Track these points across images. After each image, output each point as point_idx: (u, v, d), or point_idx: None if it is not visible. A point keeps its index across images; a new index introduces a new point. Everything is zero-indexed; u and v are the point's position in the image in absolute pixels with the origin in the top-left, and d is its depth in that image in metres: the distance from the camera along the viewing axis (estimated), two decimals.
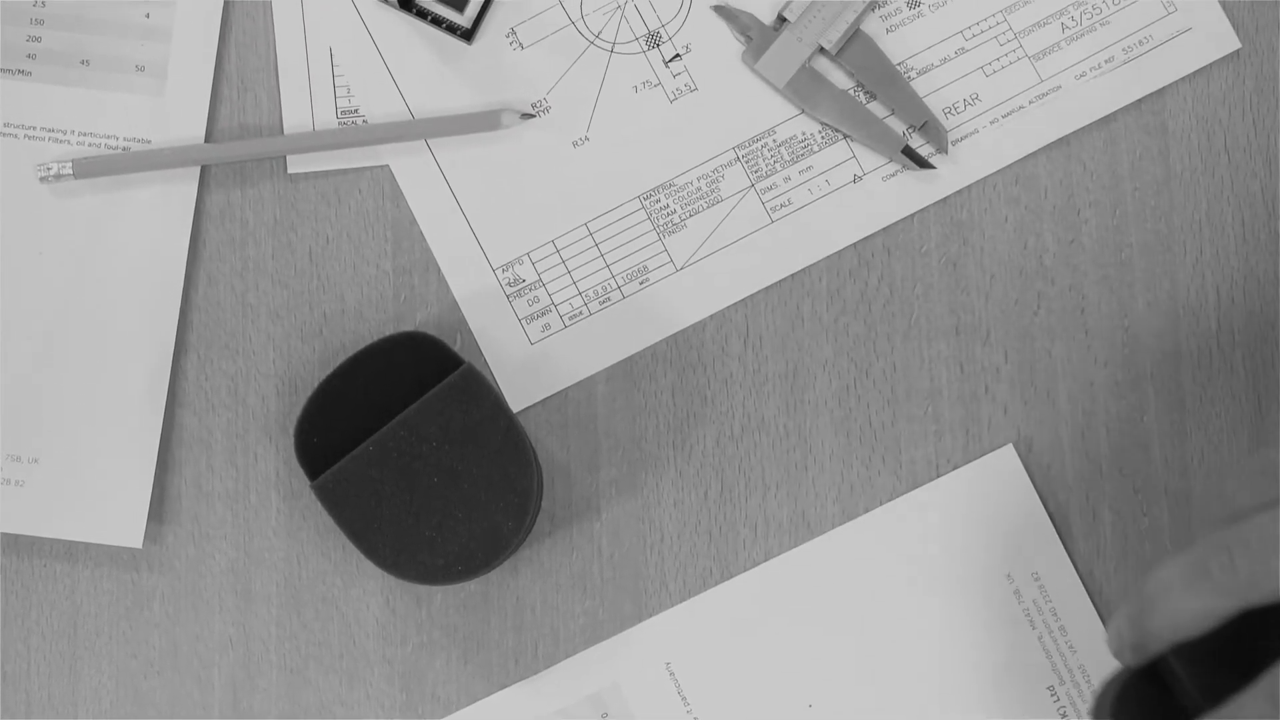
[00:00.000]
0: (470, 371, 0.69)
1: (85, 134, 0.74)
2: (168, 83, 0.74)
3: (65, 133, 0.74)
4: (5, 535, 0.73)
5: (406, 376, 0.70)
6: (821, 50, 0.74)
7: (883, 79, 0.74)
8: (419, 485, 0.68)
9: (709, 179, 0.74)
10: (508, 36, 0.74)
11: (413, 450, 0.68)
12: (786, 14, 0.74)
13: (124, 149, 0.73)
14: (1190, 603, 0.51)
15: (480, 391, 0.69)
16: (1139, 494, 0.73)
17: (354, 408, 0.70)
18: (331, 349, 0.74)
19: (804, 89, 0.74)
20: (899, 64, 0.74)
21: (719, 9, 0.74)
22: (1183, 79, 0.74)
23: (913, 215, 0.74)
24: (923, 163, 0.73)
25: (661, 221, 0.74)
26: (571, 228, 0.74)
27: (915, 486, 0.73)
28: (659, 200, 0.74)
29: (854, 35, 0.74)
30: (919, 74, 0.74)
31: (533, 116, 0.74)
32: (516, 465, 0.68)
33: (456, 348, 0.73)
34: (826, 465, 0.73)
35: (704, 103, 0.74)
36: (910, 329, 0.74)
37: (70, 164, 0.72)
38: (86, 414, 0.73)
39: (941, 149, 0.74)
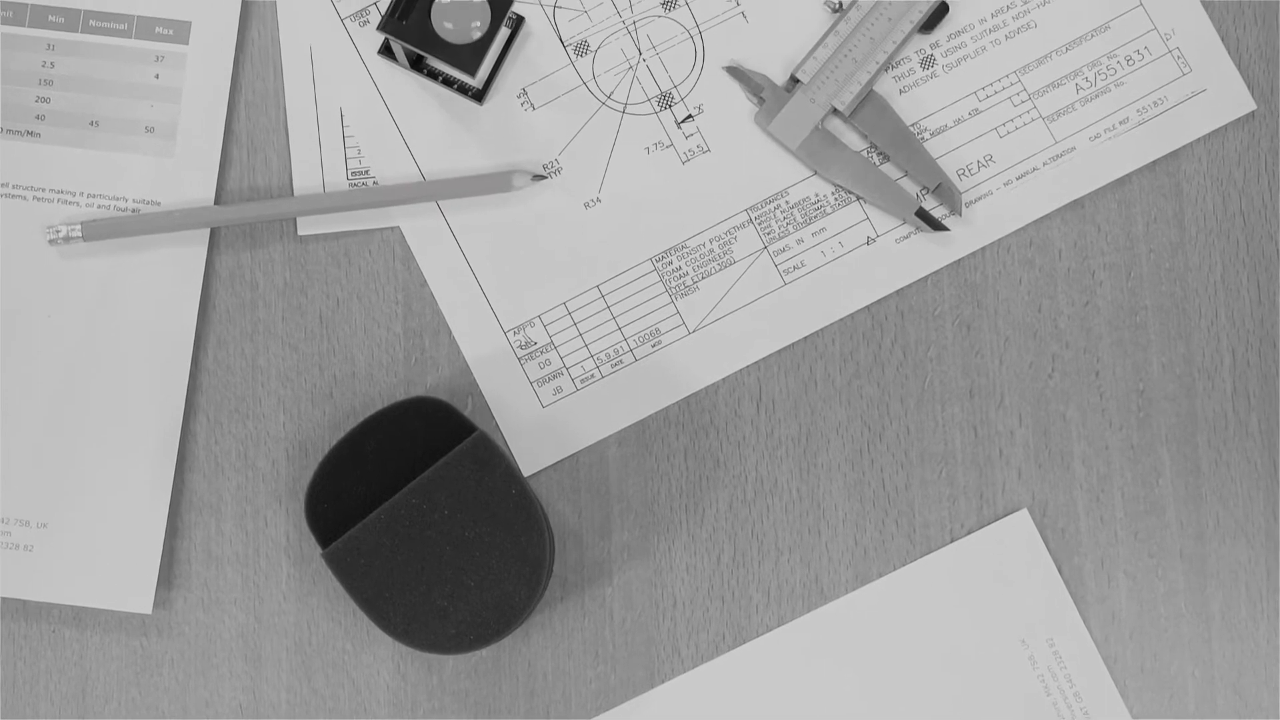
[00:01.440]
0: (481, 439, 0.68)
1: (94, 195, 0.73)
2: (177, 144, 0.73)
3: (74, 194, 0.73)
4: (14, 600, 0.72)
5: (417, 442, 0.70)
6: (835, 111, 0.73)
7: (896, 140, 0.73)
8: (430, 554, 0.68)
9: (721, 241, 0.74)
10: (519, 97, 0.74)
11: (424, 518, 0.68)
12: (799, 75, 0.73)
13: (133, 210, 0.73)
14: None
15: (492, 459, 0.68)
16: (1154, 558, 0.73)
17: (364, 474, 0.70)
18: (342, 412, 0.73)
19: (817, 151, 0.73)
20: (912, 125, 0.74)
21: (731, 70, 0.74)
22: (1197, 140, 0.74)
23: (926, 277, 0.74)
24: (936, 225, 0.73)
25: (674, 284, 0.74)
26: (583, 290, 0.73)
27: (929, 551, 0.73)
28: (671, 262, 0.74)
29: (867, 96, 0.73)
30: (933, 135, 0.74)
31: (544, 178, 0.74)
32: (528, 534, 0.68)
33: (467, 411, 0.73)
34: (840, 529, 0.73)
35: (716, 164, 0.74)
36: (924, 392, 0.73)
37: (79, 226, 0.72)
38: (95, 478, 0.72)
39: (955, 211, 0.73)
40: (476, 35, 0.69)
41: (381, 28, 0.69)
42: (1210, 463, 0.73)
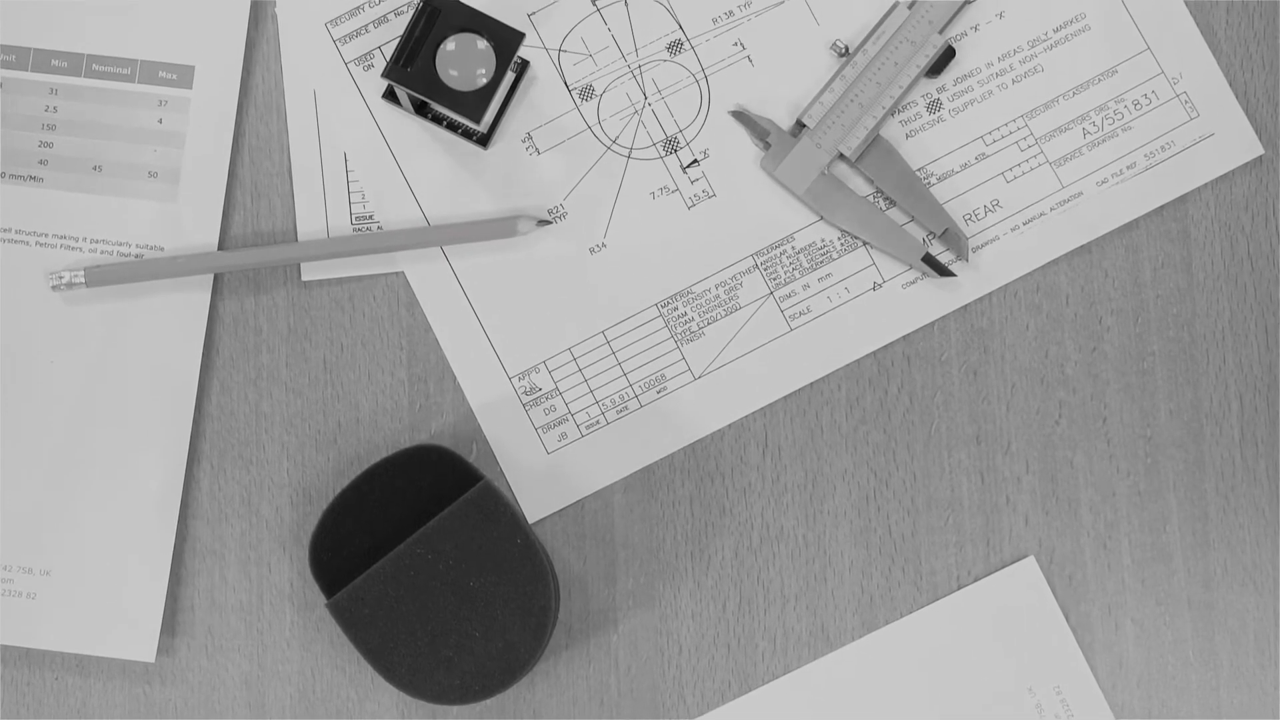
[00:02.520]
0: (487, 488, 0.68)
1: (97, 241, 0.73)
2: (181, 188, 0.73)
3: (77, 239, 0.73)
4: (16, 648, 0.72)
5: (422, 490, 0.70)
6: (841, 157, 0.73)
7: (902, 185, 0.73)
8: (435, 604, 0.68)
9: (727, 286, 0.73)
10: (524, 141, 0.74)
11: (429, 568, 0.68)
12: (805, 120, 0.73)
13: (137, 255, 0.73)
14: None
15: (497, 509, 0.68)
16: (1161, 606, 0.72)
17: (368, 522, 0.69)
18: (346, 458, 0.73)
19: (823, 196, 0.73)
20: (919, 169, 0.74)
21: (737, 114, 0.74)
22: (1205, 185, 0.74)
23: (933, 323, 0.73)
24: (943, 270, 0.73)
25: (679, 329, 0.73)
26: (588, 336, 0.73)
27: (936, 598, 0.72)
28: (677, 308, 0.73)
29: (873, 141, 0.73)
30: (939, 180, 0.74)
31: (549, 223, 0.73)
32: (534, 584, 0.68)
33: (472, 458, 0.73)
34: (846, 577, 0.73)
35: (722, 209, 0.73)
36: (930, 438, 0.73)
37: (82, 272, 0.72)
38: (98, 525, 0.72)
39: (962, 256, 0.73)
40: (482, 82, 0.69)
41: (386, 74, 0.69)
42: (1218, 509, 0.73)
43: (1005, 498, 0.73)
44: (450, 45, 0.69)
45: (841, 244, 0.73)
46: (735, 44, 0.74)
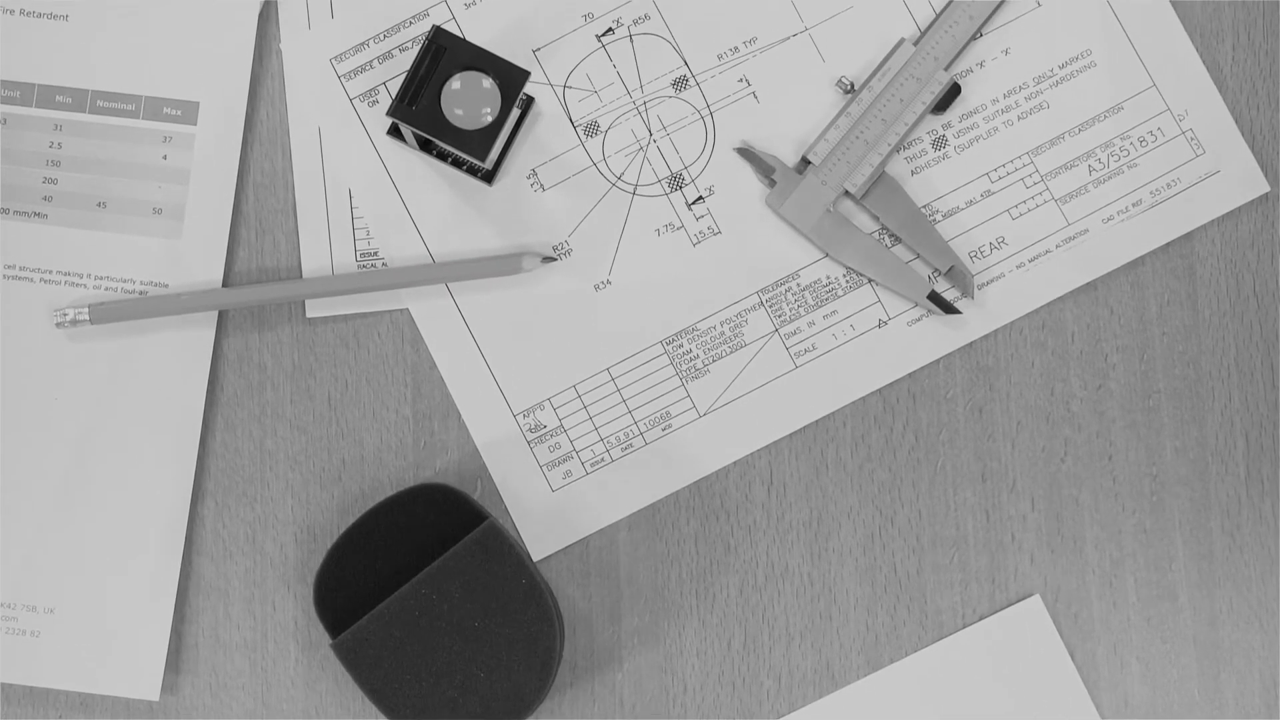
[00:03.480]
0: (491, 528, 0.68)
1: (102, 277, 0.73)
2: (185, 225, 0.73)
3: (81, 276, 0.73)
4: (19, 686, 0.72)
5: (427, 529, 0.69)
6: (846, 194, 0.73)
7: (907, 223, 0.73)
8: (440, 644, 0.68)
9: (732, 324, 0.73)
10: (529, 178, 0.74)
11: (434, 609, 0.68)
12: (810, 157, 0.73)
13: (141, 292, 0.73)
14: None
15: (502, 549, 0.68)
16: (1167, 644, 0.72)
17: (373, 561, 0.69)
18: (351, 495, 0.73)
19: (828, 233, 0.73)
20: (924, 206, 0.73)
21: (742, 151, 0.73)
22: (1211, 222, 0.74)
23: (938, 360, 0.73)
24: (949, 308, 0.73)
25: (684, 367, 0.73)
26: (593, 373, 0.73)
27: (941, 637, 0.72)
28: (682, 345, 0.73)
29: (879, 178, 0.73)
30: (945, 216, 0.73)
31: (554, 260, 0.73)
32: (539, 624, 0.68)
33: (477, 495, 0.73)
34: (851, 615, 0.72)
35: (727, 246, 0.73)
36: (936, 476, 0.73)
37: (87, 310, 0.72)
38: (102, 563, 0.72)
39: (967, 294, 0.73)
40: (487, 120, 0.69)
41: (391, 113, 0.69)
42: (1224, 548, 0.72)
43: (1010, 535, 0.73)
44: (455, 84, 0.68)
45: (846, 281, 0.73)
46: (740, 80, 0.74)
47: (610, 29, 0.74)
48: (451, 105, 0.68)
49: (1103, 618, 0.72)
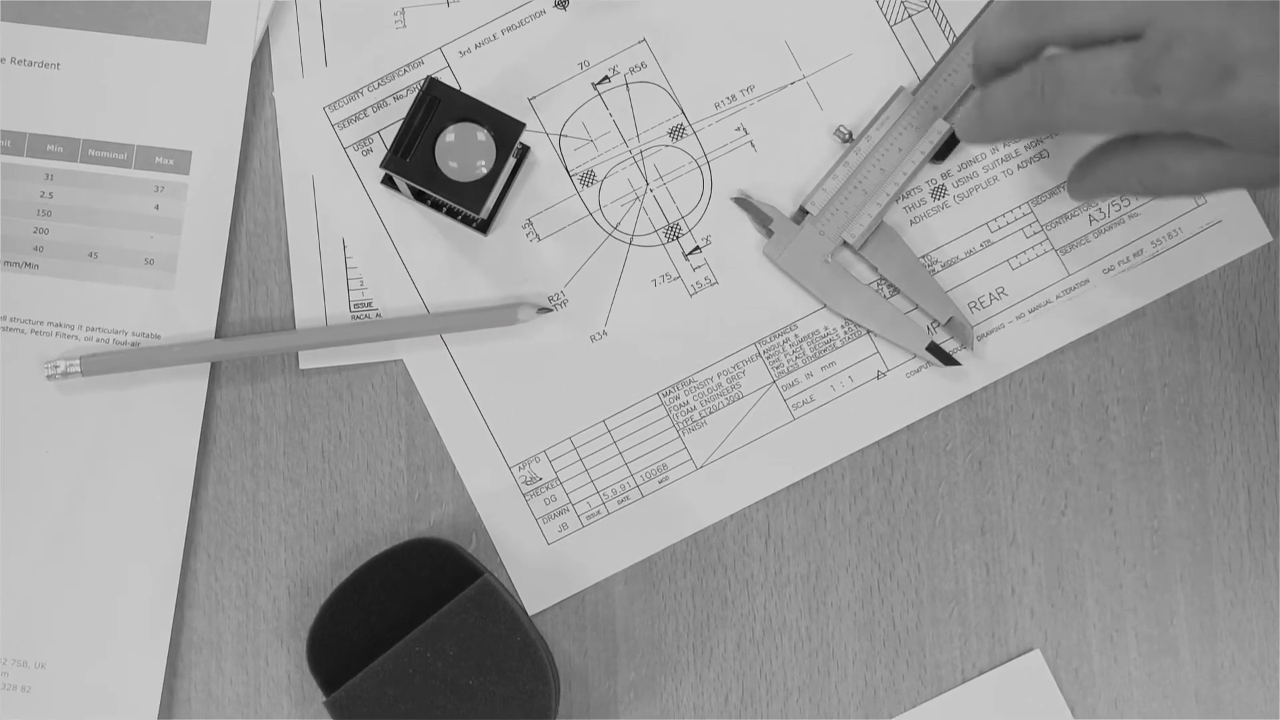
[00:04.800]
0: (486, 585, 0.67)
1: (93, 329, 0.72)
2: (177, 276, 0.72)
3: (72, 327, 0.72)
4: None
5: (421, 584, 0.69)
6: (844, 244, 0.72)
7: (906, 273, 0.72)
8: (435, 703, 0.67)
9: (729, 375, 0.73)
10: (524, 227, 0.73)
11: (428, 667, 0.67)
12: (808, 207, 0.72)
13: (133, 344, 0.72)
14: (1002, 30, 0.62)
15: (496, 606, 0.67)
16: (1168, 699, 0.71)
17: (367, 616, 0.69)
18: (344, 549, 0.72)
19: (826, 284, 0.72)
20: (923, 256, 0.73)
21: (739, 201, 0.73)
22: (1212, 272, 0.73)
23: (937, 412, 0.73)
24: (948, 360, 0.72)
25: (681, 419, 0.72)
26: (589, 425, 0.72)
27: (941, 692, 0.72)
28: (679, 397, 0.73)
29: (877, 228, 0.72)
30: (944, 266, 0.73)
31: (550, 310, 0.72)
32: (534, 683, 0.67)
33: (472, 548, 0.72)
34: (850, 670, 0.72)
35: (724, 296, 0.73)
36: (935, 529, 0.72)
37: (78, 362, 0.71)
38: (94, 617, 0.71)
39: (967, 345, 0.72)
40: (482, 173, 0.68)
41: (385, 165, 0.68)
42: (1226, 602, 0.72)
43: (1010, 589, 0.72)
44: (450, 136, 0.68)
45: (845, 332, 0.73)
46: (738, 129, 0.73)
47: (606, 77, 0.73)
48: (446, 157, 0.68)
49: (1104, 672, 0.71)
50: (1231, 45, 0.55)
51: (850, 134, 0.73)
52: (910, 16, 0.73)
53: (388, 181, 0.73)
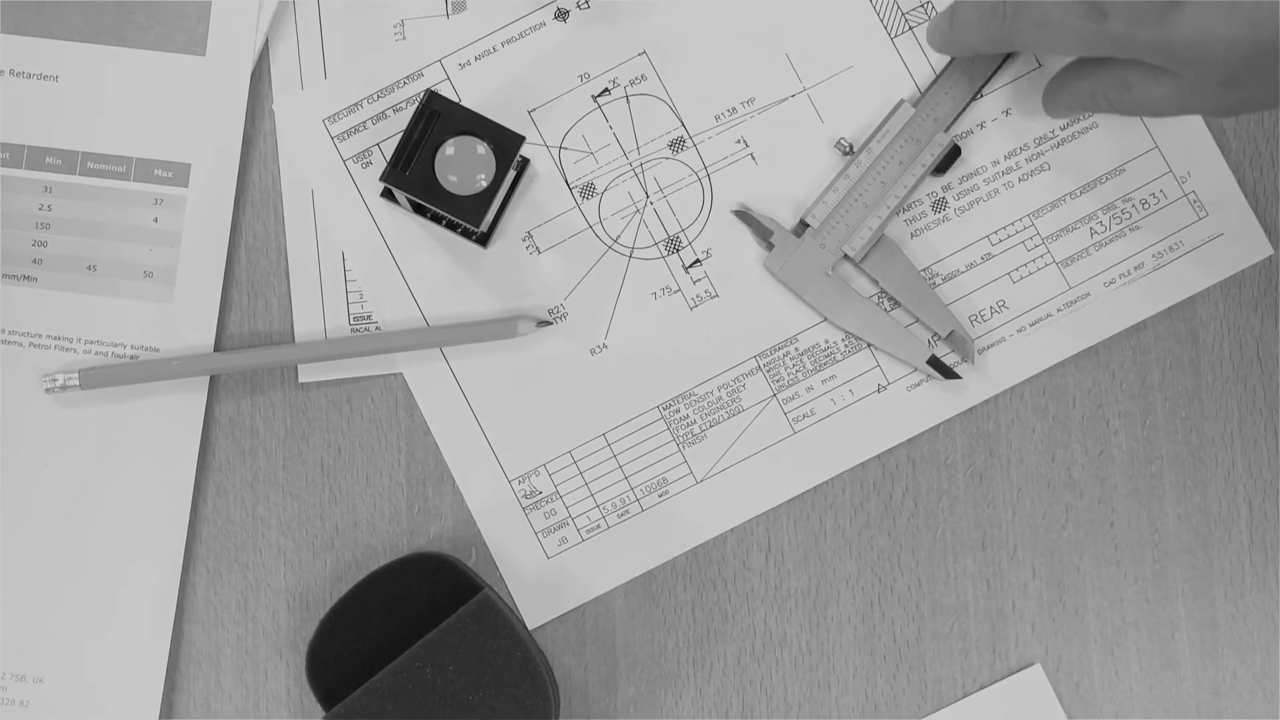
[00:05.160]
0: (485, 601, 0.67)
1: (92, 342, 0.72)
2: (176, 288, 0.72)
3: (71, 340, 0.72)
4: None
5: (421, 599, 0.69)
6: (845, 257, 0.72)
7: (907, 286, 0.72)
8: (434, 718, 0.67)
9: (730, 389, 0.72)
10: (524, 240, 0.73)
11: (427, 682, 0.67)
12: (809, 220, 0.72)
13: (132, 356, 0.72)
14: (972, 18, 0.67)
15: (496, 621, 0.67)
16: (1170, 714, 0.71)
17: (367, 631, 0.69)
18: (344, 562, 0.72)
19: (827, 297, 0.72)
20: (924, 269, 0.73)
21: (740, 214, 0.73)
22: (1214, 285, 0.73)
23: (938, 426, 0.72)
24: (949, 373, 0.72)
25: (681, 432, 0.72)
26: (589, 438, 0.72)
27: (941, 706, 0.71)
28: (678, 410, 0.72)
29: (878, 241, 0.72)
30: (945, 280, 0.73)
31: (550, 324, 0.72)
32: (534, 698, 0.67)
33: (471, 562, 0.72)
34: (850, 684, 0.72)
35: (725, 309, 0.73)
36: (936, 543, 0.72)
37: (76, 375, 0.71)
38: (92, 631, 0.71)
39: (967, 358, 0.72)
40: (481, 186, 0.68)
41: (384, 179, 0.68)
42: (1227, 617, 0.72)
43: (1011, 603, 0.72)
44: (449, 149, 0.68)
45: (845, 345, 0.72)
46: (738, 141, 0.73)
47: (606, 89, 0.73)
48: (445, 171, 0.68)
49: (1105, 687, 0.71)
50: None
51: (851, 147, 0.72)
52: (911, 29, 0.73)
53: (387, 194, 0.73)
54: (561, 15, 0.73)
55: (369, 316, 0.72)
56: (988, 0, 0.66)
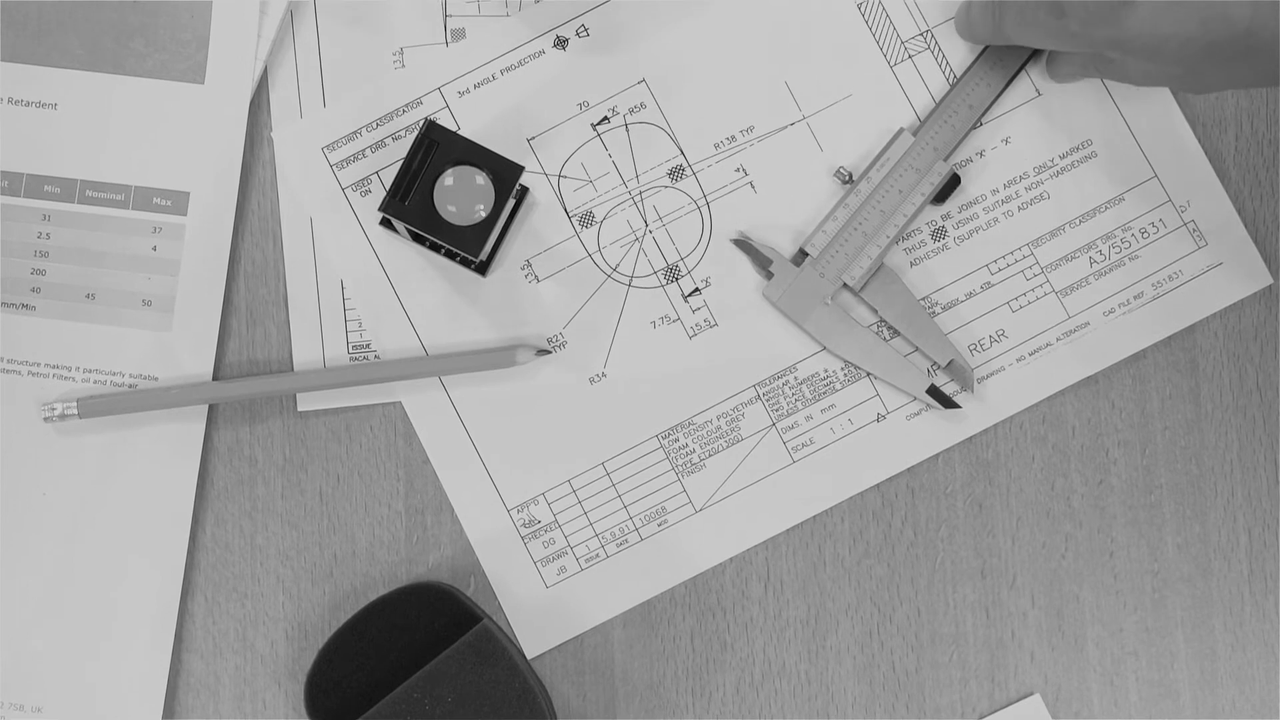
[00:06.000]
0: (484, 631, 0.67)
1: (91, 370, 0.72)
2: (175, 317, 0.72)
3: (70, 369, 0.72)
4: None
5: (420, 629, 0.69)
6: (844, 286, 0.72)
7: (906, 315, 0.72)
8: None
9: (729, 418, 0.72)
10: (523, 269, 0.73)
11: (426, 713, 0.67)
12: (808, 249, 0.72)
13: (131, 385, 0.72)
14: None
15: (495, 652, 0.67)
16: None
17: (366, 661, 0.68)
18: (342, 591, 0.72)
19: (827, 326, 0.72)
20: (923, 298, 0.73)
21: (739, 243, 0.73)
22: (1213, 314, 0.73)
23: (937, 455, 0.72)
24: (948, 403, 0.72)
25: (680, 461, 0.72)
26: (588, 467, 0.72)
27: None
28: (678, 439, 0.72)
29: (877, 270, 0.72)
30: (944, 308, 0.73)
31: (548, 353, 0.72)
32: None
33: (470, 591, 0.72)
34: (849, 713, 0.71)
35: (724, 338, 0.72)
36: (935, 572, 0.72)
37: (75, 404, 0.71)
38: (91, 660, 0.71)
39: (967, 388, 0.72)
40: (480, 216, 0.68)
41: (383, 209, 0.68)
42: (1226, 646, 0.72)
43: (1010, 633, 0.72)
44: (449, 180, 0.68)
45: (845, 374, 0.72)
46: (737, 170, 0.73)
47: (606, 118, 0.73)
48: (444, 201, 0.68)
49: (1104, 716, 0.71)
50: None
51: (850, 175, 0.72)
52: (910, 57, 0.73)
53: (386, 222, 0.73)
54: (561, 43, 0.73)
55: (368, 345, 0.72)
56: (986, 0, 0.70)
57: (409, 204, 0.68)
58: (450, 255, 0.72)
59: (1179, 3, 0.60)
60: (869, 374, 0.72)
